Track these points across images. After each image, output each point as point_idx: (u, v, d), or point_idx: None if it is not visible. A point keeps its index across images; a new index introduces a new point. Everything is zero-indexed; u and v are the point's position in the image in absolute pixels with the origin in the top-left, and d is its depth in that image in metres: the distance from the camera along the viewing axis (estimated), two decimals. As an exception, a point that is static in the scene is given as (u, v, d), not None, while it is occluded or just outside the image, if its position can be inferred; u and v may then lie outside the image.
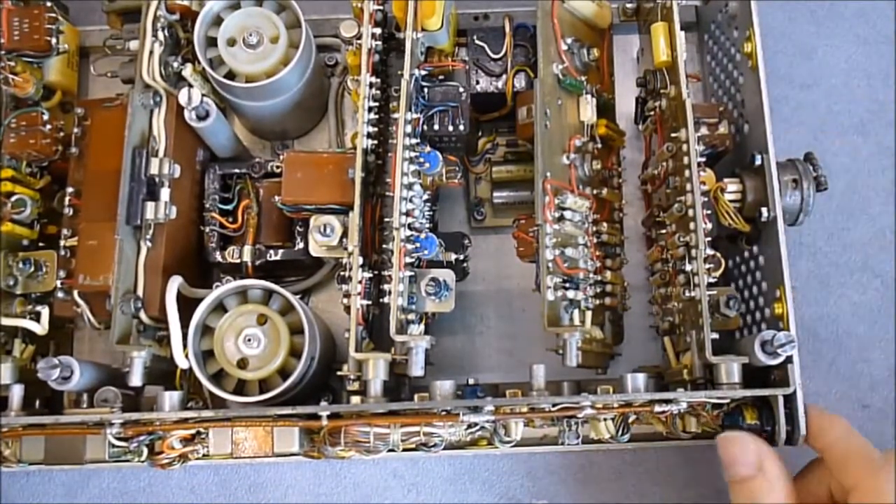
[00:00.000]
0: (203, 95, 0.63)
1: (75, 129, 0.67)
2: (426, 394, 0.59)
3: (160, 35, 0.64)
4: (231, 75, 0.66)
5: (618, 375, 0.60)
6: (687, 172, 0.60)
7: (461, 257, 0.64)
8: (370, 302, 0.60)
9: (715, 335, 0.57)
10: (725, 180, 0.62)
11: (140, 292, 0.61)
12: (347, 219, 0.60)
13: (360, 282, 0.58)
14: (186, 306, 0.60)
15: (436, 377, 0.60)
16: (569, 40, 0.66)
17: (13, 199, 0.65)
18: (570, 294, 0.59)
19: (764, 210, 0.60)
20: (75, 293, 0.63)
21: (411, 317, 0.59)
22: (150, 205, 0.61)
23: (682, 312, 0.62)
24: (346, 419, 0.58)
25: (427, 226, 0.62)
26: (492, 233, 0.73)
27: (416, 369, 0.57)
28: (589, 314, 0.60)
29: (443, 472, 0.70)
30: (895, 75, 0.77)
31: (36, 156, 0.66)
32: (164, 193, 0.62)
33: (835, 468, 0.56)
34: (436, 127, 0.63)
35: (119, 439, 0.58)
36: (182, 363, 0.59)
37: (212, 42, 0.66)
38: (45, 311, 0.65)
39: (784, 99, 0.76)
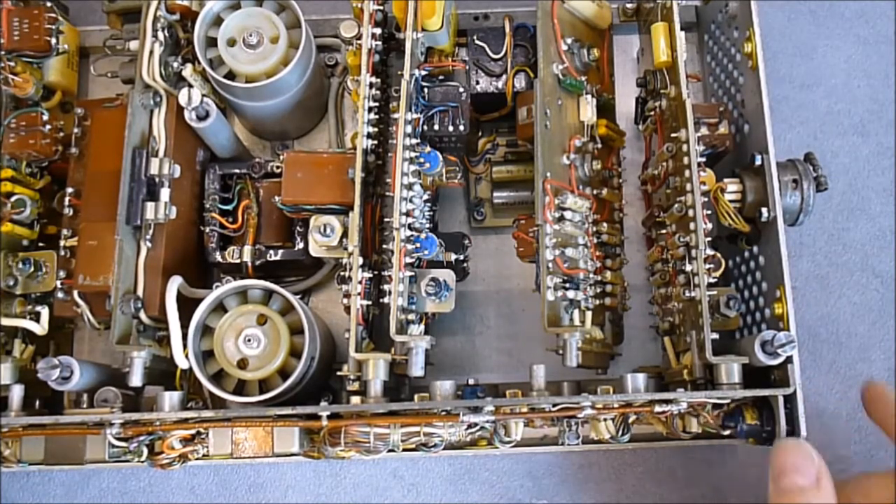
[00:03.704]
0: (203, 95, 0.63)
1: (75, 129, 0.67)
2: (426, 394, 0.59)
3: (160, 35, 0.64)
4: (231, 75, 0.66)
5: (618, 375, 0.60)
6: (687, 172, 0.60)
7: (461, 257, 0.64)
8: (370, 302, 0.60)
9: (715, 335, 0.57)
10: (725, 180, 0.62)
11: (140, 292, 0.61)
12: (347, 219, 0.60)
13: (360, 282, 0.58)
14: (186, 306, 0.60)
15: (436, 377, 0.60)
16: (569, 40, 0.66)
17: (13, 199, 0.65)
18: (570, 294, 0.59)
19: (764, 210, 0.60)
20: (75, 293, 0.63)
21: (411, 317, 0.59)
22: (150, 205, 0.61)
23: (683, 312, 0.62)
24: (346, 419, 0.58)
25: (427, 226, 0.62)
26: (492, 233, 0.73)
27: (416, 369, 0.57)
28: (589, 314, 0.60)
29: (443, 472, 0.70)
30: (895, 75, 0.77)
31: (36, 156, 0.66)
32: (164, 193, 0.62)
33: None
34: (436, 127, 0.63)
35: (119, 439, 0.58)
36: (182, 363, 0.59)
37: (212, 42, 0.66)
38: (45, 311, 0.65)
39: (784, 99, 0.76)
